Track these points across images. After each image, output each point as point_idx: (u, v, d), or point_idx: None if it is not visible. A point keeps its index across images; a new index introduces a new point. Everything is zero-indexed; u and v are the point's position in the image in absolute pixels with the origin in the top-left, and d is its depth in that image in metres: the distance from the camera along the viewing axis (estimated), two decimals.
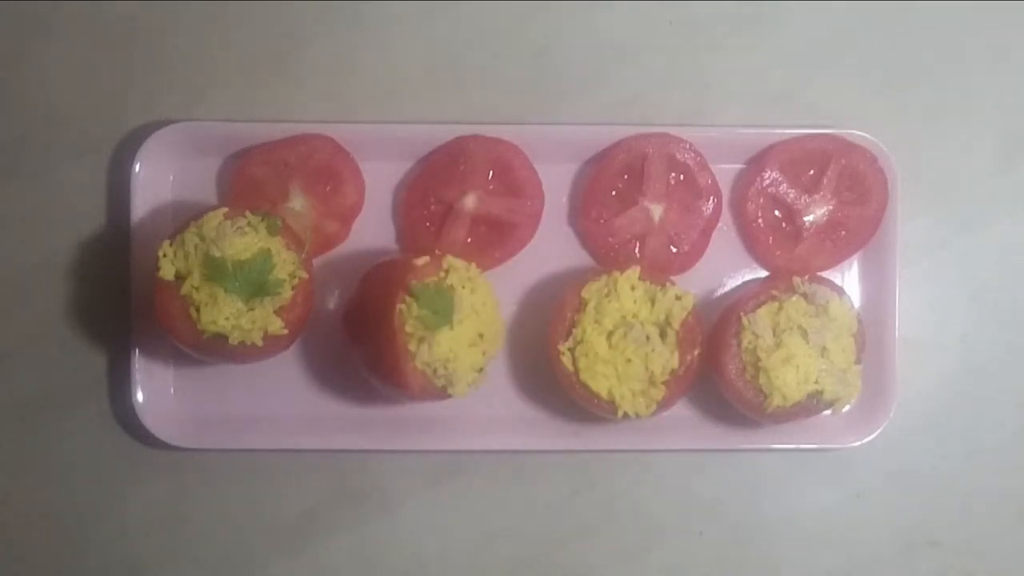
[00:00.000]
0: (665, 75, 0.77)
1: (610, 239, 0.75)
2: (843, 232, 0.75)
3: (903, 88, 0.78)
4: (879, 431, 0.74)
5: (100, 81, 0.76)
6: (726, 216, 0.77)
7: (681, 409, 0.75)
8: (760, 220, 0.76)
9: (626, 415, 0.71)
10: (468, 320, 0.69)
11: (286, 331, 0.68)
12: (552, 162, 0.75)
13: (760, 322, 0.71)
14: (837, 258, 0.76)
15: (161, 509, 0.77)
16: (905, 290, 0.75)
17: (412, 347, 0.67)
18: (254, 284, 0.67)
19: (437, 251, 0.72)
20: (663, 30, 0.77)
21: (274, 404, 0.76)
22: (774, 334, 0.71)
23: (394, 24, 0.77)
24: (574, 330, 0.71)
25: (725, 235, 0.77)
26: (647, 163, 0.74)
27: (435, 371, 0.68)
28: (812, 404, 0.71)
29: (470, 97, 0.77)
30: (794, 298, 0.72)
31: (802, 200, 0.75)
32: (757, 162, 0.76)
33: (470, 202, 0.74)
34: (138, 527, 0.77)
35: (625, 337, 0.70)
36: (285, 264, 0.68)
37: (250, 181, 0.74)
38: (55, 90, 0.76)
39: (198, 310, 0.67)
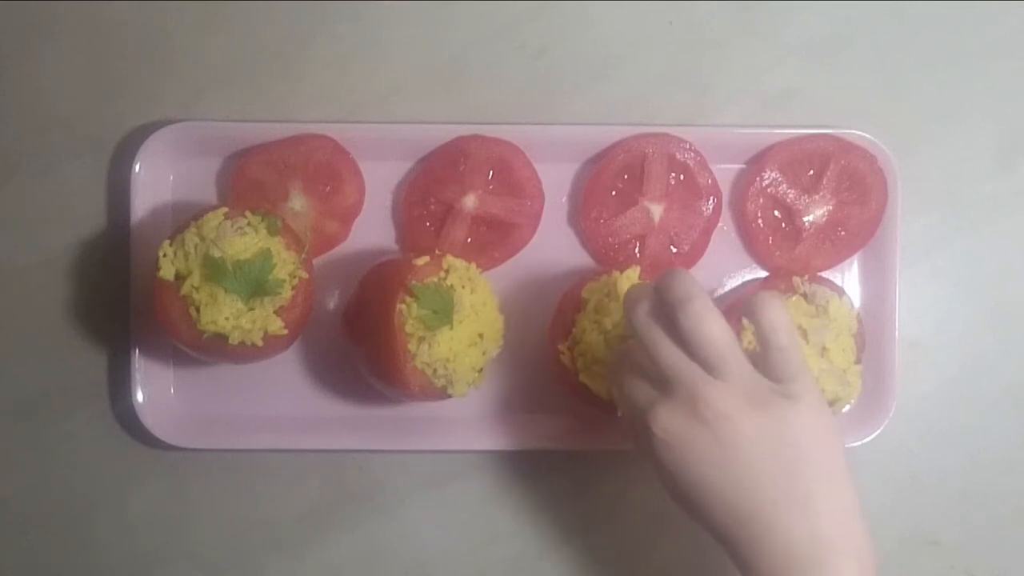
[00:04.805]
0: (665, 75, 0.77)
1: (610, 239, 0.75)
2: (843, 232, 0.75)
3: (903, 88, 0.78)
4: (879, 431, 0.74)
5: (100, 81, 0.76)
6: (726, 216, 0.77)
7: None
8: (760, 220, 0.76)
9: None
10: (468, 320, 0.69)
11: (286, 331, 0.68)
12: (552, 162, 0.75)
13: None
14: (837, 258, 0.76)
15: (161, 509, 0.77)
16: (905, 290, 0.76)
17: (412, 347, 0.67)
18: (254, 284, 0.67)
19: (437, 251, 0.72)
20: (663, 30, 0.77)
21: (274, 404, 0.76)
22: None
23: (394, 24, 0.77)
24: (573, 330, 0.71)
25: (725, 235, 0.77)
26: (647, 163, 0.74)
27: (435, 371, 0.68)
28: None
29: (470, 97, 0.77)
30: (794, 298, 0.72)
31: (802, 200, 0.75)
32: (757, 162, 0.76)
33: (470, 202, 0.75)
34: (138, 527, 0.77)
35: (621, 338, 0.70)
36: (285, 264, 0.68)
37: (250, 181, 0.74)
38: (55, 90, 0.76)
39: (198, 310, 0.67)
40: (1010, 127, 0.78)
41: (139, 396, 0.74)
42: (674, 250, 0.75)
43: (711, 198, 0.75)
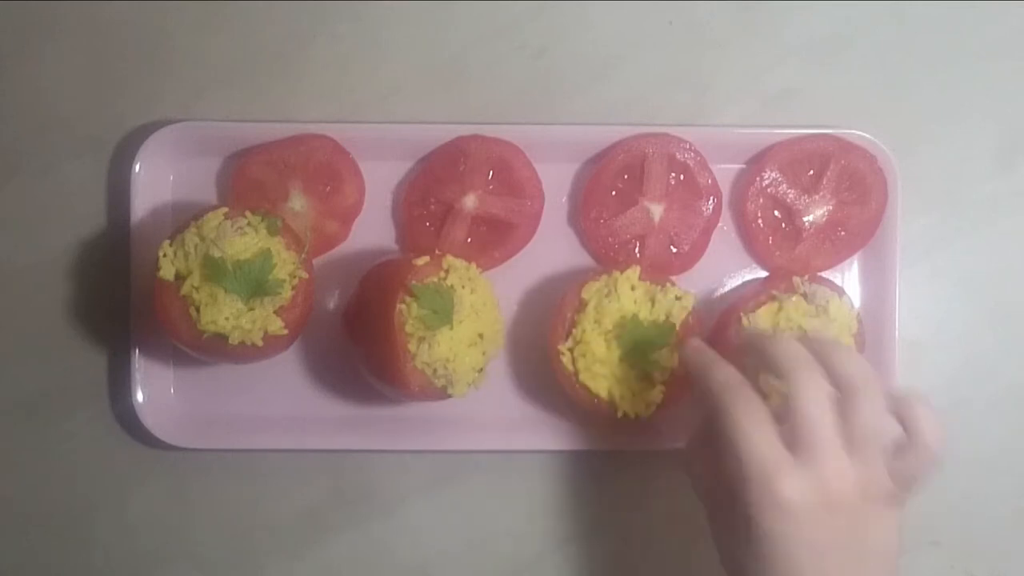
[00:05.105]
0: (665, 75, 0.77)
1: (610, 239, 0.75)
2: (843, 232, 0.75)
3: (903, 88, 0.78)
4: None
5: (100, 81, 0.76)
6: (726, 216, 0.77)
7: (681, 409, 0.75)
8: (760, 220, 0.76)
9: (625, 415, 0.71)
10: (468, 320, 0.69)
11: (286, 331, 0.68)
12: (552, 162, 0.75)
13: (760, 322, 0.71)
14: (837, 258, 0.76)
15: (161, 509, 0.77)
16: (905, 290, 0.76)
17: (412, 347, 0.67)
18: (254, 284, 0.67)
19: (437, 251, 0.72)
20: (663, 30, 0.77)
21: (274, 404, 0.76)
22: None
23: (394, 24, 0.77)
24: (573, 330, 0.71)
25: (725, 235, 0.77)
26: (647, 163, 0.74)
27: (435, 371, 0.68)
28: None
29: (470, 97, 0.77)
30: (794, 298, 0.72)
31: (802, 200, 0.75)
32: (757, 162, 0.76)
33: (470, 202, 0.74)
34: (138, 527, 0.77)
35: (620, 338, 0.70)
36: (285, 264, 0.68)
37: (250, 181, 0.74)
38: (55, 90, 0.76)
39: (198, 310, 0.67)
40: (1010, 127, 0.78)
41: (139, 396, 0.74)
42: (674, 250, 0.75)
43: (711, 198, 0.75)
